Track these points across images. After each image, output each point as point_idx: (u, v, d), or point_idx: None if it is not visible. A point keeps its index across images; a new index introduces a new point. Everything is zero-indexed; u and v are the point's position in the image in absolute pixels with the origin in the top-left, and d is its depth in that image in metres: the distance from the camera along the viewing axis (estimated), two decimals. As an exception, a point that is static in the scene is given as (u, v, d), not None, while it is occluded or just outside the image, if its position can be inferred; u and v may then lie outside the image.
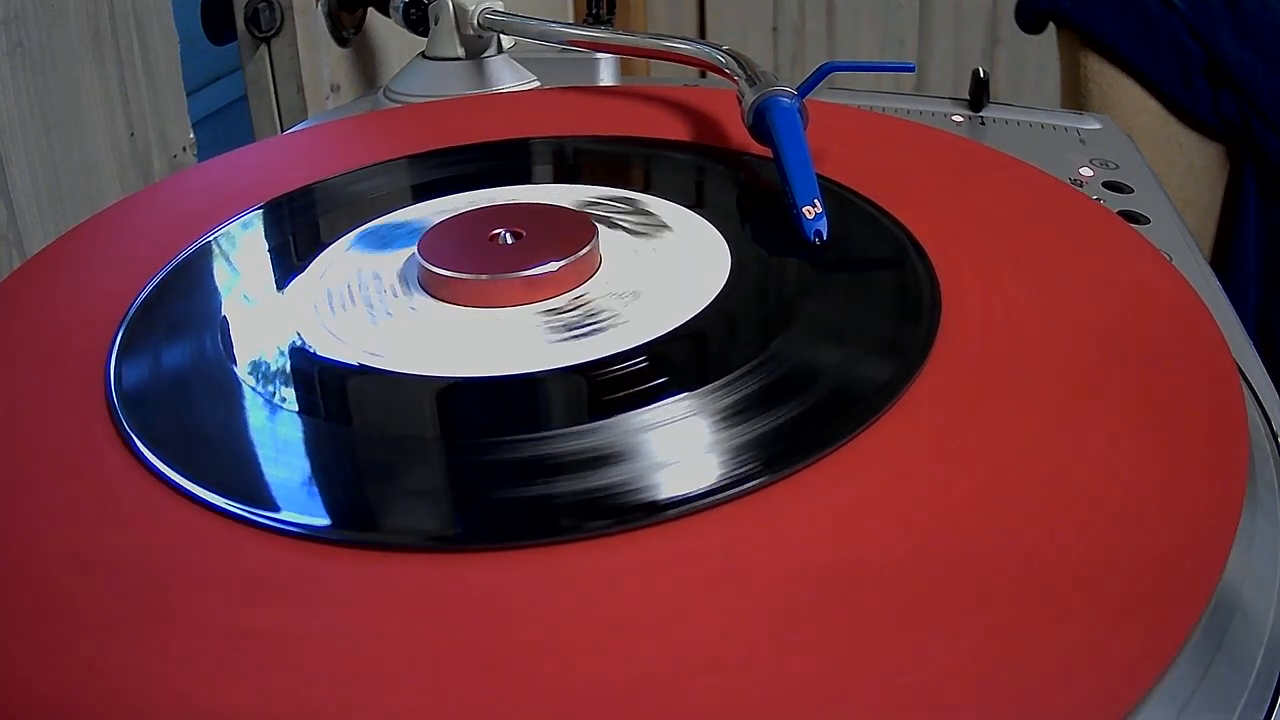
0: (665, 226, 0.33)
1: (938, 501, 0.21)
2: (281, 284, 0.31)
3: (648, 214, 0.34)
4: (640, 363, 0.26)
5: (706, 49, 0.43)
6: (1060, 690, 0.17)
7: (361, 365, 0.27)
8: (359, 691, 0.18)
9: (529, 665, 0.18)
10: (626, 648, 0.18)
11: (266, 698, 0.18)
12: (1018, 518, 0.21)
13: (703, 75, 0.47)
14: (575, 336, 0.27)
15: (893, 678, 0.17)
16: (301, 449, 0.24)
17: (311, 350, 0.27)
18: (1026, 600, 0.19)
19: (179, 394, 0.27)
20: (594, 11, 0.80)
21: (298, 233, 0.35)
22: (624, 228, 0.33)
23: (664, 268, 0.30)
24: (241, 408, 0.26)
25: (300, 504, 0.22)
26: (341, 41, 0.71)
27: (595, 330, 0.27)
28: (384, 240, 0.33)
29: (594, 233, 0.31)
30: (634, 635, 0.19)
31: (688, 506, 0.21)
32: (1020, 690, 0.17)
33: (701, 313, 0.28)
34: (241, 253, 0.34)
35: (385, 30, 0.74)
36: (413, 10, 0.61)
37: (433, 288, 0.30)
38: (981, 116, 0.55)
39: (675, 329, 0.27)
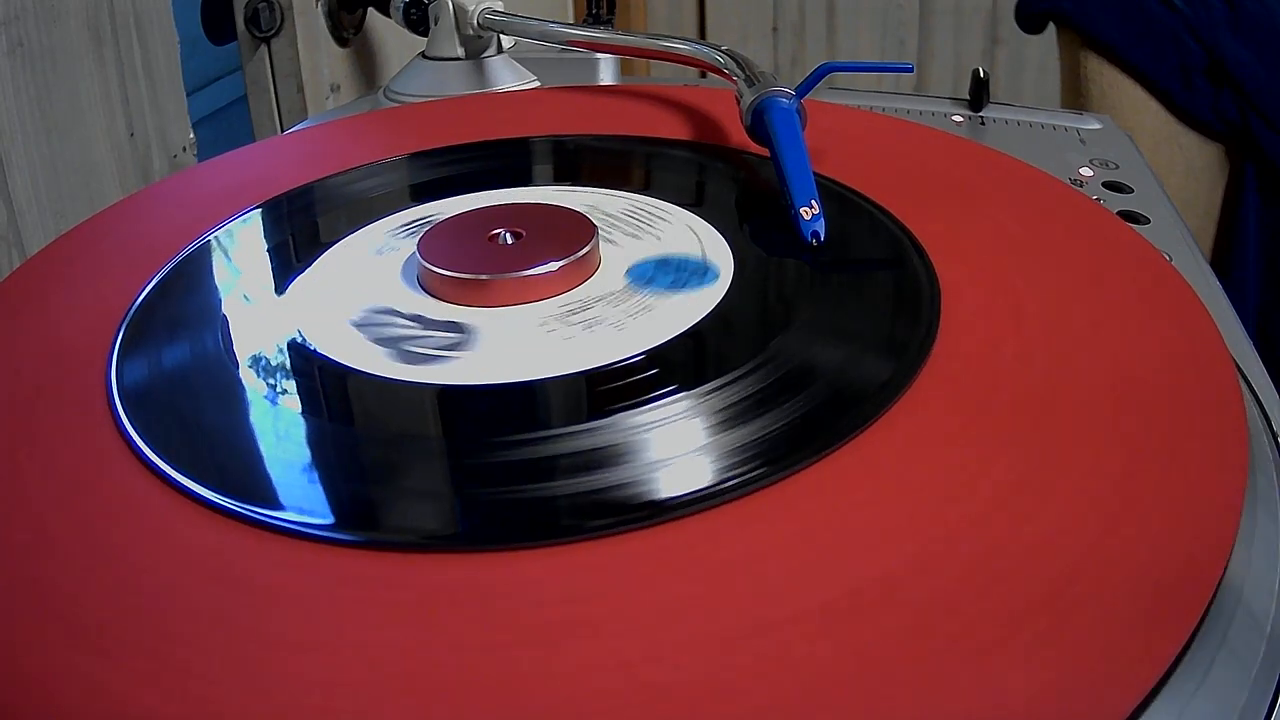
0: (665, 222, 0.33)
1: (937, 502, 0.21)
2: (282, 283, 0.31)
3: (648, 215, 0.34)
4: (642, 363, 0.26)
5: (705, 49, 0.43)
6: (1063, 691, 0.17)
7: (361, 365, 0.27)
8: (357, 692, 0.18)
9: (528, 665, 0.18)
10: (625, 648, 0.18)
11: (265, 698, 0.18)
12: (1017, 519, 0.21)
13: (703, 75, 0.47)
14: (576, 337, 0.27)
15: (893, 678, 0.17)
16: (302, 448, 0.24)
17: (312, 349, 0.27)
18: (1027, 601, 0.19)
19: (180, 393, 0.27)
20: (594, 11, 0.80)
21: (298, 232, 0.35)
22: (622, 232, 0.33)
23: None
24: (242, 407, 0.26)
25: (301, 502, 0.22)
26: (341, 41, 0.71)
27: (597, 331, 0.27)
28: (385, 240, 0.33)
29: (594, 232, 0.31)
30: (634, 636, 0.19)
31: (688, 507, 0.21)
32: (1023, 691, 0.17)
33: (705, 317, 0.28)
34: (242, 252, 0.34)
35: (385, 30, 0.74)
36: (413, 10, 0.61)
37: (433, 287, 0.30)
38: (981, 116, 0.55)
39: (679, 334, 0.27)
